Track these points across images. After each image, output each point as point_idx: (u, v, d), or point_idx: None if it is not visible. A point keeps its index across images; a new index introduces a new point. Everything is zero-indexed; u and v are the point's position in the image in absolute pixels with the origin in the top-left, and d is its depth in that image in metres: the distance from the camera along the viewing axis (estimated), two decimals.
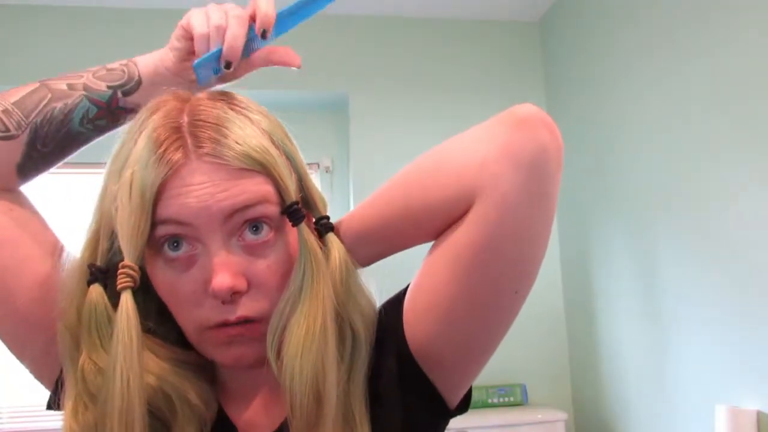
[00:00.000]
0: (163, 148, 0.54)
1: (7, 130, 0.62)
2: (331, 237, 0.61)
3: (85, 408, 0.56)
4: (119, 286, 0.54)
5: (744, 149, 1.70)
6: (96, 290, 0.56)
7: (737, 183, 1.72)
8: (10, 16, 2.54)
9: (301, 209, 0.57)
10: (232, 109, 0.59)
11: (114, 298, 0.55)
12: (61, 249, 0.65)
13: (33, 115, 0.63)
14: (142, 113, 0.59)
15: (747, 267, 1.69)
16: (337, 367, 0.57)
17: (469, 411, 0.68)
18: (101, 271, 0.56)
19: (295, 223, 0.57)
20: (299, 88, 2.69)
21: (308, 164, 0.65)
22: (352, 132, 2.69)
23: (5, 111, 0.62)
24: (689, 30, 1.92)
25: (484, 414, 2.35)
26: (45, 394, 0.67)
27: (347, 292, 0.60)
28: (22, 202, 0.66)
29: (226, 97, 0.61)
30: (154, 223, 0.55)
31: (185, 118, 0.57)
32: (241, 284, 0.56)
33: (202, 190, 0.54)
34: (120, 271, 0.54)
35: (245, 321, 0.57)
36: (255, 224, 0.56)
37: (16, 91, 0.64)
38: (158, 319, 0.61)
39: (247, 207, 0.55)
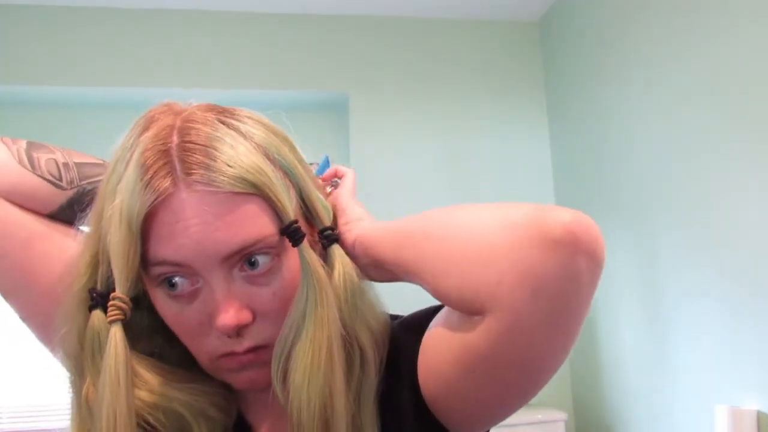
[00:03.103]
0: (149, 175, 0.52)
1: (60, 180, 0.64)
2: (335, 250, 0.59)
3: None
4: (108, 319, 0.53)
5: (745, 148, 1.70)
6: (98, 316, 0.54)
7: (737, 182, 1.72)
8: (9, 16, 2.54)
9: (300, 228, 0.54)
10: (223, 123, 0.56)
11: None
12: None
13: (85, 181, 0.65)
14: (136, 128, 0.57)
15: (748, 267, 1.69)
16: (345, 394, 0.56)
17: None
18: (102, 296, 0.55)
19: (295, 243, 0.55)
20: (299, 88, 2.69)
21: (308, 164, 0.63)
22: (352, 132, 2.69)
23: (65, 164, 0.65)
24: (688, 28, 1.92)
25: None
26: (44, 394, 0.67)
27: (353, 309, 0.58)
28: None
29: (219, 110, 0.58)
30: (149, 261, 0.53)
31: (174, 140, 0.54)
32: (246, 318, 0.54)
33: (194, 227, 0.52)
34: (110, 303, 0.53)
35: (255, 348, 0.56)
36: (255, 258, 0.55)
37: (83, 155, 0.67)
38: (166, 336, 0.60)
39: (243, 249, 0.53)
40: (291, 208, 0.55)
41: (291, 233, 0.54)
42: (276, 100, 2.71)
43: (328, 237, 0.59)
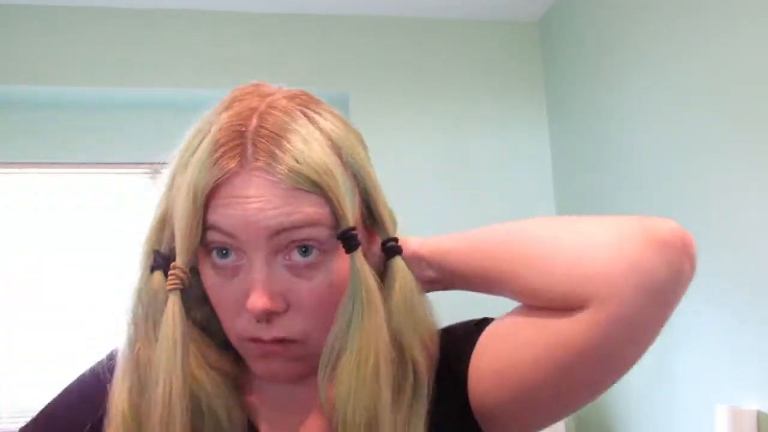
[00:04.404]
0: (219, 153, 0.53)
1: None
2: (397, 262, 0.58)
3: (139, 394, 0.56)
4: (168, 287, 0.54)
5: (745, 148, 1.70)
6: (158, 278, 0.55)
7: (737, 182, 1.72)
8: (9, 16, 2.54)
9: (356, 236, 0.54)
10: (304, 114, 0.56)
11: None
12: None
13: None
14: (220, 105, 0.58)
15: (748, 267, 1.69)
16: (393, 411, 0.55)
17: None
18: (164, 258, 0.56)
19: (349, 250, 0.54)
20: (299, 88, 2.68)
21: None
22: None
23: None
24: (688, 28, 1.92)
25: None
26: (45, 395, 0.66)
27: (412, 325, 0.57)
28: None
29: (304, 100, 0.59)
30: (205, 227, 0.54)
31: (253, 123, 0.54)
32: (278, 306, 0.54)
33: (252, 204, 0.52)
34: (170, 272, 0.54)
35: (281, 340, 0.55)
36: (304, 246, 0.54)
37: None
38: (213, 309, 0.60)
39: (295, 228, 0.53)
40: (352, 214, 0.54)
41: (347, 239, 0.53)
42: None
43: (392, 248, 0.58)
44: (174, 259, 0.55)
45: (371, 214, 0.58)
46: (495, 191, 2.71)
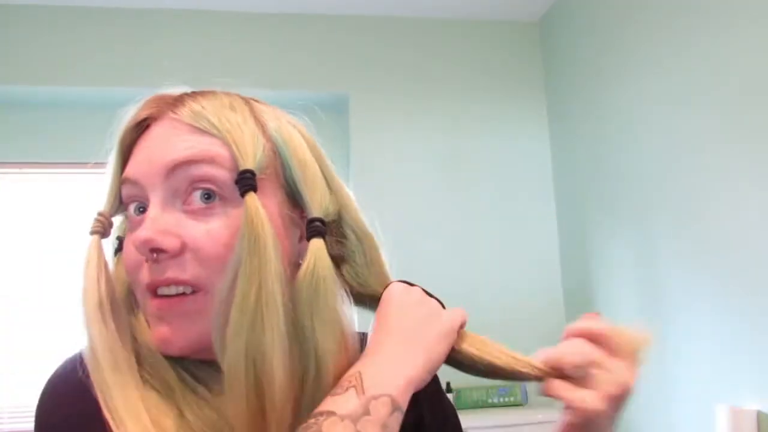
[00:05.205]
0: (139, 109, 0.57)
1: None
2: (315, 243, 0.53)
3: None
4: (89, 230, 0.56)
5: (745, 149, 1.70)
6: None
7: (737, 183, 1.72)
8: (9, 16, 2.54)
9: (253, 179, 0.52)
10: (239, 95, 0.60)
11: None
12: None
13: None
14: None
15: (748, 266, 1.68)
16: (289, 367, 0.50)
17: (469, 411, 0.68)
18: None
19: (242, 191, 0.51)
20: (299, 88, 2.69)
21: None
22: (352, 132, 2.69)
23: None
24: (688, 28, 1.92)
25: (484, 414, 2.34)
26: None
27: (317, 309, 0.52)
28: None
29: (251, 98, 0.62)
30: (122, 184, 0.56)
31: (179, 93, 0.58)
32: (167, 242, 0.51)
33: (154, 145, 0.55)
34: (94, 218, 0.56)
35: (175, 294, 0.52)
36: (207, 193, 0.52)
37: None
38: None
39: (190, 162, 0.52)
40: (253, 162, 0.53)
41: (242, 180, 0.52)
42: (276, 100, 2.69)
43: (314, 228, 0.54)
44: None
45: (298, 191, 0.56)
46: (495, 191, 2.71)
